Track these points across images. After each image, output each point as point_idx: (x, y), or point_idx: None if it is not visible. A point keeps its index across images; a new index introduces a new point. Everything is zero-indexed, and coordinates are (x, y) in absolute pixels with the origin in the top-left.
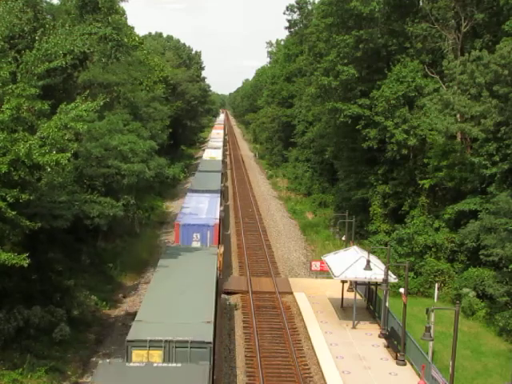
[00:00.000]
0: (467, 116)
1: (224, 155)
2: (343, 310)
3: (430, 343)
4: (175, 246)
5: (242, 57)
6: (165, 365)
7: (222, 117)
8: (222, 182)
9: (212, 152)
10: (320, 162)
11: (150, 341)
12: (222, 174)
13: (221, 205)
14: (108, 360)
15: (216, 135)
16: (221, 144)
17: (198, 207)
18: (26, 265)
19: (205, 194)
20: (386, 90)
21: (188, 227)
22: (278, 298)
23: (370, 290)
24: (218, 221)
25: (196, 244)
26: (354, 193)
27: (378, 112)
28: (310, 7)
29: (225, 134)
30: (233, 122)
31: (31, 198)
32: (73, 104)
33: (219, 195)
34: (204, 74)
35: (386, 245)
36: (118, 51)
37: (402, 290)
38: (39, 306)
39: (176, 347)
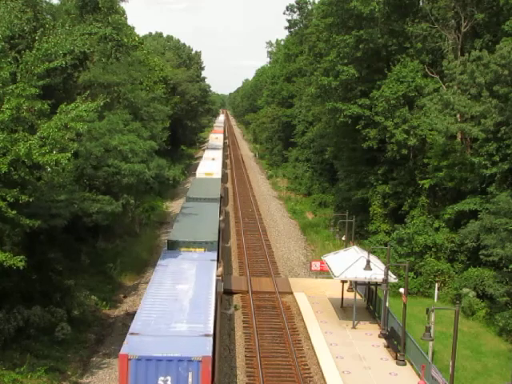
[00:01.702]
0: (467, 116)
1: (224, 166)
2: (343, 310)
3: (430, 343)
4: None
5: (242, 56)
6: None
7: (221, 117)
8: (220, 216)
9: (208, 165)
10: (320, 162)
11: None
12: (222, 197)
13: (218, 262)
14: None
15: (214, 140)
16: (220, 152)
17: (175, 295)
18: (21, 267)
19: (192, 255)
20: (385, 90)
21: (147, 365)
22: (277, 298)
23: (370, 290)
24: (211, 339)
25: None
26: (354, 193)
27: (377, 112)
28: (310, 7)
29: (225, 138)
30: (233, 121)
31: (31, 199)
32: (73, 104)
33: (216, 251)
34: (204, 74)
35: (385, 245)
36: (118, 51)
37: (402, 290)
38: (39, 306)
39: None
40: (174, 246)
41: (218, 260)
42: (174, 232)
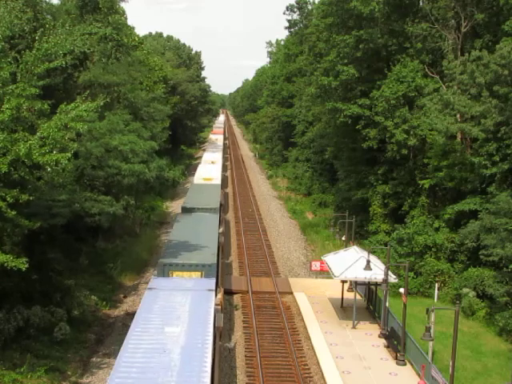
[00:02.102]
0: (467, 116)
1: (224, 167)
2: (343, 310)
3: (430, 343)
4: None
5: (242, 56)
6: None
7: (221, 118)
8: (220, 227)
9: (207, 169)
10: (320, 162)
11: None
12: (222, 205)
13: (217, 288)
14: None
15: (214, 141)
16: (220, 155)
17: (162, 343)
18: (24, 269)
19: (186, 283)
20: (385, 89)
21: None
22: (277, 298)
23: (370, 290)
24: None
25: None
26: (354, 193)
27: (377, 112)
28: (310, 7)
29: (225, 139)
30: (233, 121)
31: (31, 198)
32: (73, 104)
33: (215, 276)
34: (204, 74)
35: (385, 245)
36: (118, 51)
37: (402, 290)
38: (39, 306)
39: None
40: (165, 270)
41: (216, 286)
42: (166, 253)
